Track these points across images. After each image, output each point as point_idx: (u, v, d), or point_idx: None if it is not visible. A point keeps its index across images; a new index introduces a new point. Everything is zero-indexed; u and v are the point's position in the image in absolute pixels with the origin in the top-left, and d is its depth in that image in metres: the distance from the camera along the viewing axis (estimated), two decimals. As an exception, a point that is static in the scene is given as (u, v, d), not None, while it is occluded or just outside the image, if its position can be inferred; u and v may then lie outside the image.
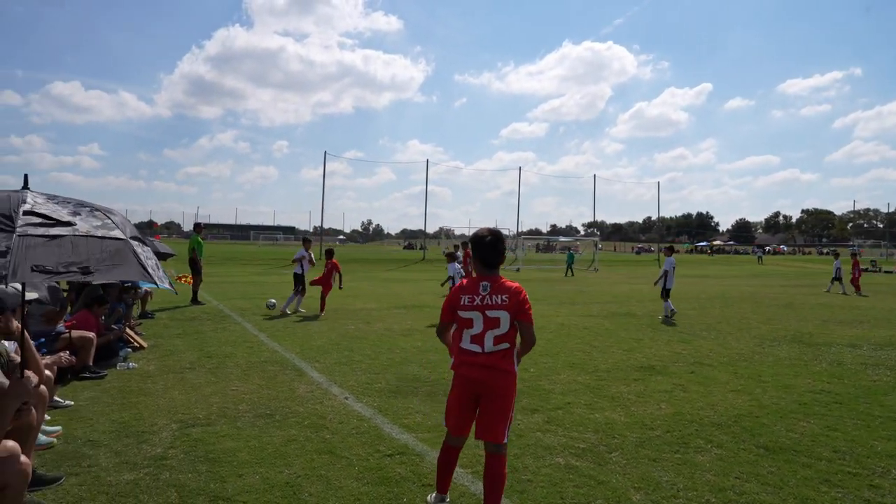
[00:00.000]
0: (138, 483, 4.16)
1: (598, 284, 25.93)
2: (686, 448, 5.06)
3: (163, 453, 4.70)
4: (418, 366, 8.06)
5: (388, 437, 5.22)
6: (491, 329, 3.63)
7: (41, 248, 2.71)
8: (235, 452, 4.75)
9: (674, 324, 12.69)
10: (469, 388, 3.73)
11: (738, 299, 19.13)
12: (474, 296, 3.67)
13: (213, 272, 25.64)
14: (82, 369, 6.93)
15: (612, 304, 17.06)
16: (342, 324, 11.85)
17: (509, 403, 3.72)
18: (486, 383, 3.67)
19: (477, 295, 3.66)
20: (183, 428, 5.31)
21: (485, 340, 3.65)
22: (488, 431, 3.66)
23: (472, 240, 3.83)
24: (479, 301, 3.64)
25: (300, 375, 7.38)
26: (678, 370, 8.08)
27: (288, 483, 4.21)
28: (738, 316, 14.51)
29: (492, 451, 3.69)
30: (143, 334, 9.64)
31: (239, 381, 6.99)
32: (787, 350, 9.80)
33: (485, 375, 3.67)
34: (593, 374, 7.79)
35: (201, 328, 10.88)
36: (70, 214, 3.03)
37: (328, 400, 6.32)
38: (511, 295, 3.63)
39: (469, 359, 3.71)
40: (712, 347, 9.93)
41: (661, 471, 4.56)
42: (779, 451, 5.02)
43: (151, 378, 7.07)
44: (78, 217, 3.05)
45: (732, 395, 6.79)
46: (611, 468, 4.60)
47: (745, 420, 5.86)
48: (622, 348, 9.69)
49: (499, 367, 3.66)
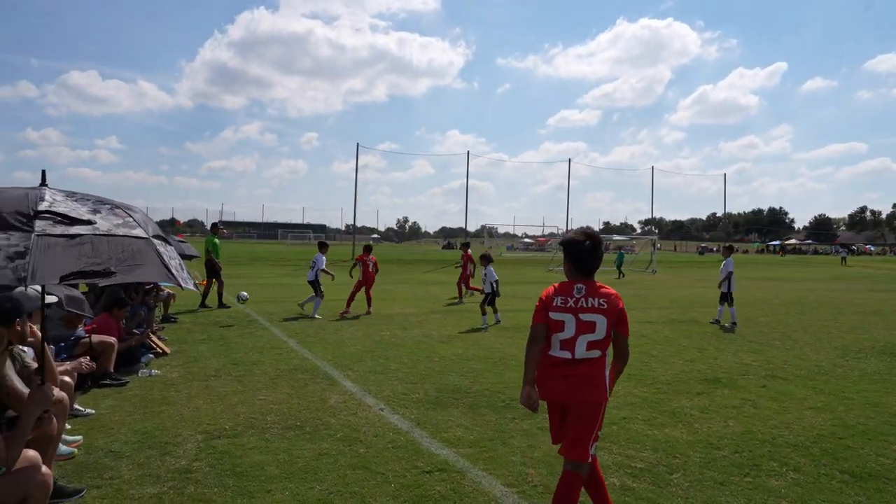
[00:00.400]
0: (162, 497, 4.27)
1: (656, 288, 25.56)
2: (758, 471, 4.95)
3: (187, 466, 4.82)
4: (459, 375, 8.08)
5: (427, 451, 5.25)
6: (584, 333, 3.62)
7: (60, 249, 2.79)
8: (264, 466, 4.84)
9: (732, 331, 12.43)
10: (552, 395, 3.73)
11: (817, 305, 18.63)
12: (567, 297, 3.68)
13: (239, 273, 26.16)
14: (103, 376, 7.14)
15: (671, 309, 16.80)
16: (377, 330, 11.95)
17: (595, 418, 3.68)
18: (569, 393, 3.67)
19: (571, 297, 3.67)
20: (208, 439, 5.43)
21: (576, 346, 3.63)
22: (569, 448, 3.68)
23: (567, 244, 3.85)
24: (573, 303, 3.65)
25: (332, 385, 7.47)
26: (747, 384, 7.92)
27: (319, 500, 4.27)
28: (816, 324, 14.14)
29: (569, 469, 3.67)
30: (165, 339, 9.89)
31: (267, 391, 7.11)
32: (876, 363, 9.50)
33: (571, 387, 3.65)
34: (652, 386, 7.69)
35: (227, 333, 11.11)
36: (90, 212, 3.11)
37: (362, 411, 6.38)
38: (610, 301, 3.64)
39: (554, 370, 3.68)
40: (787, 359, 9.69)
41: (728, 495, 4.48)
42: (867, 477, 4.87)
43: (175, 386, 7.25)
44: (98, 215, 3.13)
45: (811, 414, 6.62)
46: (671, 491, 4.53)
47: (826, 441, 5.70)
48: (684, 358, 9.54)
49: (588, 378, 3.64)
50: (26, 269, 2.62)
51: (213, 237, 15.59)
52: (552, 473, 4.79)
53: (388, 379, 7.82)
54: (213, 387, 7.25)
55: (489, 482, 4.63)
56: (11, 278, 2.59)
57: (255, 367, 8.31)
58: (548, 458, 5.11)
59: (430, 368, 8.49)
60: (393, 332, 11.63)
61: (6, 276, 2.59)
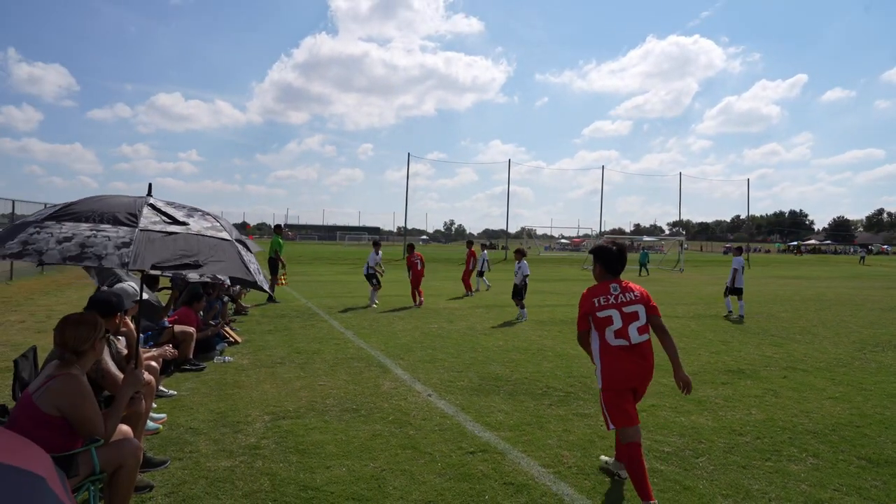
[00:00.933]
0: (234, 470, 4.37)
1: (683, 285, 25.02)
2: (778, 456, 4.81)
3: (256, 443, 4.92)
4: (500, 365, 8.06)
5: (471, 434, 5.25)
6: (632, 322, 3.99)
7: (159, 242, 3.03)
8: (323, 445, 4.91)
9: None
10: (626, 381, 4.02)
11: (836, 302, 17.99)
12: (608, 296, 4.06)
13: (302, 271, 26.57)
14: (184, 362, 7.34)
15: (698, 305, 16.43)
16: (425, 322, 12.00)
17: None
18: (640, 374, 4.03)
19: (609, 295, 4.06)
20: (274, 420, 5.53)
21: (629, 333, 3.98)
22: None
23: (598, 251, 4.28)
24: (614, 300, 4.04)
25: (385, 372, 7.53)
26: (769, 374, 7.70)
27: (373, 476, 4.32)
28: (835, 319, 13.66)
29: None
30: (237, 330, 10.10)
31: (326, 377, 7.21)
32: (893, 356, 9.13)
33: (638, 367, 4.01)
34: (679, 377, 7.54)
35: (290, 325, 11.29)
36: (185, 216, 3.36)
37: (412, 397, 6.42)
38: (641, 292, 4.12)
39: (621, 354, 3.99)
40: (807, 352, 9.39)
41: (751, 479, 4.37)
42: (884, 464, 4.69)
43: (245, 371, 7.41)
44: (191, 219, 3.37)
45: (830, 403, 6.40)
46: (697, 473, 4.45)
47: (844, 429, 5.51)
48: (709, 350, 9.33)
49: (648, 358, 4.04)
50: (129, 256, 2.85)
51: (278, 237, 16.01)
52: (586, 456, 4.75)
53: (435, 368, 7.84)
54: (279, 373, 7.37)
55: (527, 463, 4.61)
56: (117, 262, 2.81)
57: (316, 356, 8.43)
58: (582, 442, 5.06)
59: (474, 358, 8.49)
60: (440, 325, 11.65)
61: (113, 261, 2.81)
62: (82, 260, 2.79)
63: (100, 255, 2.81)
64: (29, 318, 11.15)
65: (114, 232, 2.96)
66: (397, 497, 4.00)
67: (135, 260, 2.84)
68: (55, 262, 2.84)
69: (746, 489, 4.19)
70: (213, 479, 4.21)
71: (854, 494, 4.13)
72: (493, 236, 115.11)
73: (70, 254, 2.80)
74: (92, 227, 2.96)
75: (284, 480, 4.21)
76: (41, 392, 3.11)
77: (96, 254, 2.81)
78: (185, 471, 4.35)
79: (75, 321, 3.31)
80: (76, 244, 2.84)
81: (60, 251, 2.80)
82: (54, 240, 2.85)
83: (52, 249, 2.81)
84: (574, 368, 7.81)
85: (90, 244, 2.85)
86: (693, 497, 4.05)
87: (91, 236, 2.90)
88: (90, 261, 2.78)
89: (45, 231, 2.90)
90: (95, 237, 2.90)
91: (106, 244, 2.87)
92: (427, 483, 4.22)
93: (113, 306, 4.38)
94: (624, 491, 4.15)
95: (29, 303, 13.46)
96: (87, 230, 2.94)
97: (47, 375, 3.18)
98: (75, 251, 2.81)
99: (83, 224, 2.98)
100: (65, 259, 2.78)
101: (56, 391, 3.11)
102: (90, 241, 2.87)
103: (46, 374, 3.20)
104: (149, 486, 4.05)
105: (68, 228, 2.94)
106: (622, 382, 4.00)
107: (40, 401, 3.10)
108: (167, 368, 6.37)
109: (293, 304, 14.75)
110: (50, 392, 3.11)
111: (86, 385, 3.21)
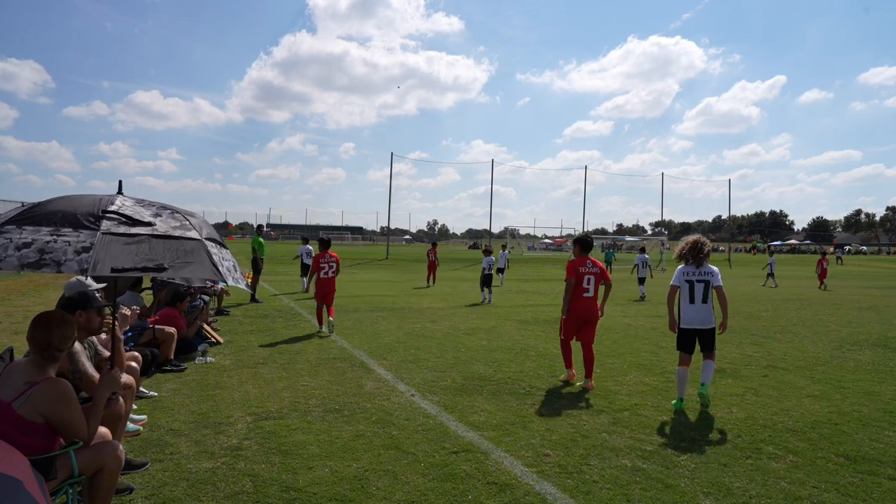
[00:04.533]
0: (216, 471, 4.34)
1: (665, 285, 25.20)
2: (759, 454, 4.87)
3: (238, 444, 4.89)
4: (483, 364, 8.07)
5: (454, 434, 5.25)
6: (592, 282, 7.15)
7: (120, 246, 2.92)
8: (306, 445, 4.88)
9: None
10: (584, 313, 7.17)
11: (815, 301, 18.25)
12: (585, 266, 7.19)
13: (284, 271, 26.38)
14: (164, 362, 7.27)
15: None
16: (408, 322, 11.99)
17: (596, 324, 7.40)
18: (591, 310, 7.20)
19: (585, 266, 7.20)
20: (257, 420, 5.50)
21: (591, 287, 7.15)
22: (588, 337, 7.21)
23: (579, 239, 7.63)
24: (587, 269, 7.19)
25: (368, 372, 7.52)
26: (750, 373, 7.79)
27: (356, 476, 4.30)
28: (814, 318, 13.86)
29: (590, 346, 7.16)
30: (219, 330, 10.02)
31: (309, 377, 7.17)
32: (870, 355, 9.29)
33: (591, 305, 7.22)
34: (661, 375, 7.61)
35: (273, 325, 11.23)
36: (152, 216, 3.23)
37: (395, 397, 6.41)
38: (598, 265, 7.31)
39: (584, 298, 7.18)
40: (787, 350, 9.52)
41: (732, 476, 4.42)
42: (861, 460, 4.77)
43: (227, 372, 7.35)
44: (159, 218, 3.25)
45: (809, 401, 6.49)
46: (679, 472, 4.49)
47: (823, 427, 5.59)
48: (691, 350, 9.40)
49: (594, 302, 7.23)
50: (88, 262, 2.75)
51: (258, 237, 15.96)
52: (569, 455, 4.78)
53: (418, 367, 7.84)
54: (261, 373, 7.33)
55: (510, 462, 4.63)
56: (76, 269, 2.73)
57: (299, 356, 8.39)
58: (565, 441, 5.09)
59: (457, 358, 8.50)
60: (423, 325, 11.65)
61: (72, 267, 2.73)
62: (41, 267, 2.70)
63: (59, 261, 2.72)
64: (5, 319, 10.97)
65: (74, 237, 2.86)
66: (380, 497, 3.99)
67: (94, 266, 2.75)
68: (13, 269, 2.75)
69: (727, 487, 4.23)
70: (195, 481, 4.17)
71: (832, 491, 4.19)
72: (477, 236, 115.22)
73: (28, 261, 2.71)
74: (52, 232, 2.87)
75: (267, 482, 4.18)
76: (24, 399, 3.02)
77: (55, 260, 2.72)
78: (166, 473, 4.30)
79: (60, 320, 3.25)
80: (35, 250, 2.75)
81: (19, 258, 2.71)
82: (13, 246, 2.76)
83: (10, 257, 2.71)
84: (557, 368, 7.84)
85: (49, 250, 2.77)
86: (675, 495, 4.09)
87: (51, 241, 2.81)
88: (49, 268, 2.70)
89: (3, 236, 2.80)
90: (56, 242, 2.81)
91: (66, 249, 2.78)
92: (410, 483, 4.22)
93: (77, 304, 4.30)
94: (607, 489, 4.18)
95: (6, 303, 13.25)
96: (47, 235, 2.84)
97: (27, 382, 3.08)
98: (34, 258, 2.73)
99: (44, 228, 2.89)
100: (23, 266, 2.70)
101: (41, 398, 3.03)
102: (49, 248, 2.78)
103: (25, 379, 3.09)
104: (129, 488, 4.00)
105: (28, 233, 2.84)
106: (581, 312, 7.09)
107: (23, 409, 3.00)
108: (148, 369, 6.29)
109: (275, 304, 14.66)
110: (34, 399, 3.01)
111: (69, 388, 3.15)
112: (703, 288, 6.12)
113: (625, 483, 4.26)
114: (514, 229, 70.58)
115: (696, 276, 6.16)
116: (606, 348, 9.39)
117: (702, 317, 6.12)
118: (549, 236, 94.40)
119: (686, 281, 6.18)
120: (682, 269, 6.28)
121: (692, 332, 6.19)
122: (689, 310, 6.18)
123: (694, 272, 6.18)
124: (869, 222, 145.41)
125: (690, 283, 6.17)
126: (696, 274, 6.17)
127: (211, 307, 11.29)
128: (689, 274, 6.20)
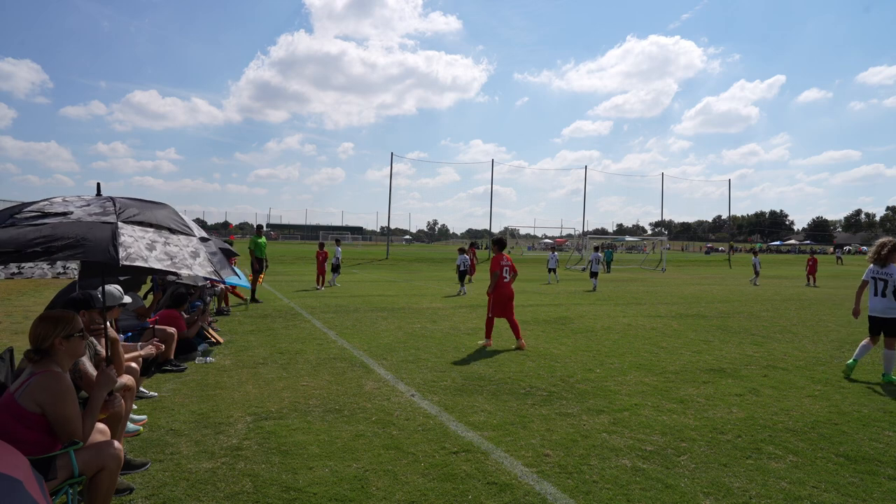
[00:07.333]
0: (216, 471, 4.34)
1: (665, 285, 25.25)
2: (759, 454, 4.87)
3: (238, 444, 4.89)
4: (483, 364, 8.07)
5: (454, 434, 5.25)
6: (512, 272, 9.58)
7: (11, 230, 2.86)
8: (306, 445, 4.89)
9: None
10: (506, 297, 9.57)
11: (816, 301, 18.26)
12: (506, 260, 9.53)
13: (285, 271, 26.40)
14: (165, 362, 7.27)
15: (679, 304, 16.58)
16: (409, 322, 11.99)
17: None
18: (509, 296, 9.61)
19: (506, 260, 9.51)
20: (257, 420, 5.50)
21: (508, 276, 9.51)
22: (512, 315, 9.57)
23: (497, 240, 9.90)
24: (507, 262, 9.50)
25: (368, 372, 7.52)
26: (750, 373, 7.79)
27: (356, 476, 4.30)
28: (814, 318, 13.86)
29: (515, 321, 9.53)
30: (219, 330, 10.03)
31: (309, 377, 7.18)
32: (871, 355, 9.27)
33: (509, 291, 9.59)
34: (661, 375, 7.61)
35: (273, 325, 11.23)
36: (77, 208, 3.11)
37: (395, 397, 6.41)
38: (510, 261, 9.53)
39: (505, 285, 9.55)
40: (787, 350, 9.52)
41: (732, 476, 4.42)
42: (861, 460, 4.77)
43: (227, 372, 7.35)
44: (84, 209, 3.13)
45: (809, 401, 6.49)
46: (679, 472, 4.49)
47: (823, 427, 5.59)
48: (691, 350, 9.42)
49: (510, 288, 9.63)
50: None
51: (257, 237, 15.90)
52: (569, 455, 4.78)
53: (418, 367, 7.84)
54: (261, 373, 7.33)
55: (510, 462, 4.63)
56: None
57: (299, 356, 8.39)
58: (565, 441, 5.09)
59: (457, 358, 8.50)
60: (423, 325, 11.65)
61: None
62: None
63: None
64: (5, 318, 10.97)
65: None
66: (380, 498, 3.99)
67: None
68: None
69: (727, 487, 4.23)
70: (195, 481, 4.17)
71: (832, 491, 4.19)
72: (476, 236, 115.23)
73: None
74: None
75: (267, 482, 4.18)
76: (24, 388, 3.09)
77: None
78: (166, 473, 4.30)
79: (39, 318, 3.32)
80: None
81: None
82: None
83: None
84: (557, 368, 7.84)
85: None
86: (675, 495, 4.09)
87: None
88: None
89: None
90: None
91: None
92: (410, 483, 4.22)
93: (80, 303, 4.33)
94: (607, 489, 4.18)
95: (6, 303, 13.25)
96: None
97: (30, 372, 3.17)
98: None
99: None
100: None
101: (39, 388, 3.09)
102: None
103: (28, 371, 3.19)
104: (129, 488, 4.00)
105: None
106: (504, 297, 9.42)
107: (22, 397, 3.08)
108: (148, 369, 6.29)
109: (275, 304, 14.66)
110: (31, 388, 3.09)
111: (69, 383, 3.17)
112: (882, 285, 7.51)
113: (625, 483, 4.26)
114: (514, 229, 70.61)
115: (879, 275, 7.58)
116: (606, 348, 9.39)
117: (882, 306, 7.49)
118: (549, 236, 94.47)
119: (872, 278, 7.66)
120: (870, 267, 7.72)
121: (876, 320, 7.58)
122: (873, 301, 7.63)
123: (878, 271, 7.60)
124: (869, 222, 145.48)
125: (874, 280, 7.62)
126: (878, 272, 7.58)
127: (211, 307, 11.29)
128: (874, 272, 7.66)
